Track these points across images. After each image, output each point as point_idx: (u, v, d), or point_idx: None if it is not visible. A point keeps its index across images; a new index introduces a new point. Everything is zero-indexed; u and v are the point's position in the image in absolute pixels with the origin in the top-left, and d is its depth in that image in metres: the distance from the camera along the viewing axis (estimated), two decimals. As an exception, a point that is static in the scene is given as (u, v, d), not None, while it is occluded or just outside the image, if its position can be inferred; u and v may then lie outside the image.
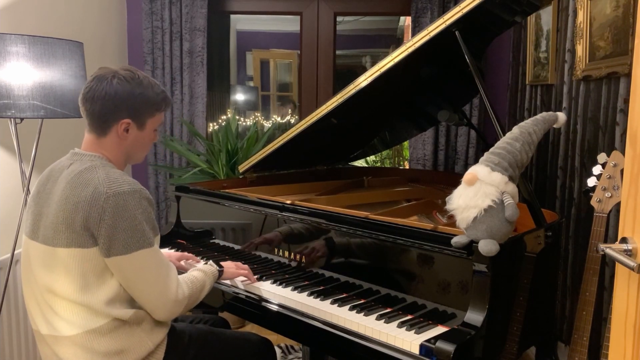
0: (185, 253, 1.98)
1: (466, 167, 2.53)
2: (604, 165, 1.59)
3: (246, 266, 1.80)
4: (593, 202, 1.61)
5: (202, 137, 3.24)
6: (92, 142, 1.46)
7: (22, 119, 2.08)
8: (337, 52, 3.58)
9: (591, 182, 1.61)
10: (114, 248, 1.33)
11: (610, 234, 1.88)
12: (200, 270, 1.59)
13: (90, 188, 1.34)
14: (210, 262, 1.68)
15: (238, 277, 1.77)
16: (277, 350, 2.68)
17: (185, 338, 1.56)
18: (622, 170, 1.46)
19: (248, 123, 5.75)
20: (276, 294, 1.69)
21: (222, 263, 1.72)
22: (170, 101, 1.55)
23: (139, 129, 1.47)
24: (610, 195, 1.58)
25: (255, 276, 1.80)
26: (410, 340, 1.35)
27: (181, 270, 1.77)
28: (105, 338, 1.37)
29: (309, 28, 3.52)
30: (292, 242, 1.86)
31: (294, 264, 1.84)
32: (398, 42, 6.36)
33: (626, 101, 1.89)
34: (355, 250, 1.68)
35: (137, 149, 1.51)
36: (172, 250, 2.09)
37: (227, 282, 1.80)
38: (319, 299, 1.63)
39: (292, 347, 2.90)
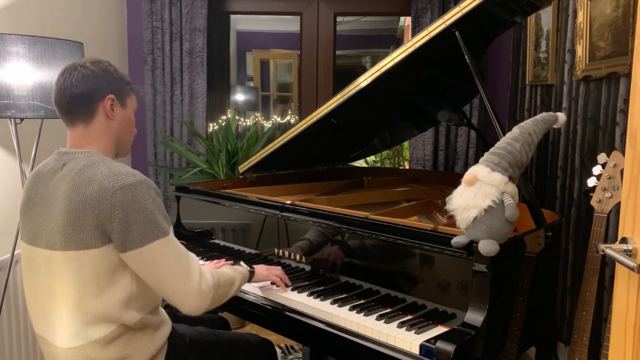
0: (222, 261, 1.91)
1: (466, 168, 2.53)
2: (604, 166, 1.59)
3: (279, 269, 1.73)
4: (593, 202, 1.61)
5: (202, 137, 3.24)
6: (79, 136, 1.41)
7: (22, 119, 2.08)
8: (337, 52, 3.58)
9: (591, 182, 1.61)
10: (129, 242, 1.30)
11: (610, 234, 1.88)
12: (230, 267, 1.57)
13: (95, 185, 1.30)
14: (242, 262, 1.65)
15: (269, 280, 1.71)
16: (277, 351, 2.68)
17: (186, 341, 1.55)
18: (622, 171, 1.46)
19: (248, 123, 5.75)
20: (276, 294, 1.69)
21: (254, 266, 1.68)
22: (137, 88, 1.53)
23: (122, 107, 1.46)
24: (610, 195, 1.58)
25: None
26: (410, 341, 1.35)
27: None
28: (109, 347, 1.35)
29: (309, 28, 3.52)
30: (292, 242, 1.86)
31: (293, 264, 1.84)
32: (398, 42, 6.36)
33: (626, 101, 1.89)
34: (355, 251, 1.68)
35: (125, 131, 1.48)
36: (205, 261, 2.01)
37: None
38: (319, 299, 1.63)
39: (292, 347, 2.90)
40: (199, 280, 1.38)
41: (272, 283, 1.73)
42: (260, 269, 1.68)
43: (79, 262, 1.31)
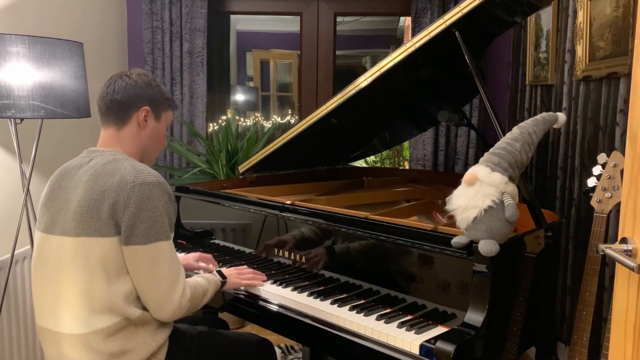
0: (205, 254, 1.94)
1: (466, 168, 2.53)
2: (604, 166, 1.59)
3: (249, 272, 1.76)
4: (593, 202, 1.61)
5: (202, 138, 3.24)
6: (110, 137, 1.51)
7: (22, 119, 2.08)
8: (337, 52, 3.58)
9: (591, 182, 1.61)
10: (134, 237, 1.35)
11: (610, 234, 1.88)
12: (204, 277, 1.60)
13: (117, 177, 1.38)
14: (214, 272, 1.69)
15: (242, 286, 1.74)
16: (277, 351, 2.68)
17: (187, 339, 1.56)
18: (622, 171, 1.46)
19: (248, 123, 5.75)
20: (276, 294, 1.69)
21: (225, 271, 1.70)
22: (175, 105, 1.65)
23: (156, 120, 1.55)
24: (610, 195, 1.58)
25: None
26: (410, 341, 1.35)
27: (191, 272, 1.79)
28: (111, 338, 1.38)
29: (309, 28, 3.51)
30: (292, 242, 1.85)
31: (294, 264, 1.84)
32: (398, 42, 6.36)
33: (626, 101, 1.89)
34: (355, 251, 1.68)
35: (153, 142, 1.57)
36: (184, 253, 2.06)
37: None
38: (319, 299, 1.63)
39: (292, 348, 2.90)
40: (181, 293, 1.44)
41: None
42: (231, 276, 1.70)
43: (90, 249, 1.36)
